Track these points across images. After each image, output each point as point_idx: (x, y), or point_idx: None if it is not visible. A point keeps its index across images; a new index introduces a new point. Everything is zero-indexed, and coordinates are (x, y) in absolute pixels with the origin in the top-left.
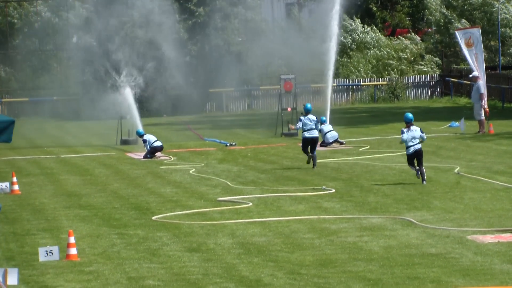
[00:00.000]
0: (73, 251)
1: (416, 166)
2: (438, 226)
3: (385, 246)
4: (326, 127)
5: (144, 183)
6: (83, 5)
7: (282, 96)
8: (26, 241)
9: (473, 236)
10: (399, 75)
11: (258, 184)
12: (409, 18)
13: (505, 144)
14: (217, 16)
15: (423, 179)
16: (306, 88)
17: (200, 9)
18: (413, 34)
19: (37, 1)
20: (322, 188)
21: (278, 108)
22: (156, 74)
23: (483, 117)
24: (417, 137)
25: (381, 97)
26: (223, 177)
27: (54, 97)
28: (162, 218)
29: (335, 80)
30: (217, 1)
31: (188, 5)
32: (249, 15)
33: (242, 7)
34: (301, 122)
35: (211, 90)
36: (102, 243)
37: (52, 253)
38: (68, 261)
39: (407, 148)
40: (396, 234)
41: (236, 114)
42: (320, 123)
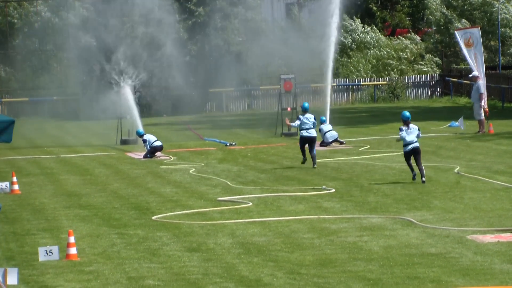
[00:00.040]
0: (73, 251)
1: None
2: (438, 226)
3: (385, 246)
4: (326, 127)
5: (144, 183)
6: (83, 4)
7: (282, 96)
8: (26, 241)
9: (473, 236)
10: (399, 75)
11: (258, 184)
12: (409, 18)
13: (505, 144)
14: (217, 16)
15: (422, 175)
16: (306, 88)
17: (200, 8)
18: (413, 34)
19: (37, 1)
20: (322, 188)
21: (278, 108)
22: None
23: (483, 117)
24: (415, 134)
25: (381, 97)
26: (223, 177)
27: (54, 97)
28: (162, 218)
29: (335, 80)
30: (217, 1)
31: (188, 5)
32: (249, 15)
33: (242, 7)
34: (299, 121)
35: (211, 90)
36: (102, 243)
37: (52, 253)
38: (68, 261)
39: (405, 145)
40: (396, 234)
41: (236, 114)
42: (320, 122)
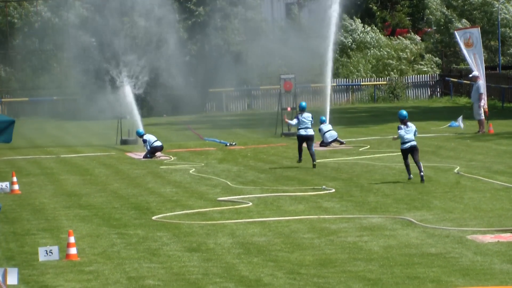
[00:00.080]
0: (73, 251)
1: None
2: (438, 226)
3: (385, 246)
4: (325, 127)
5: (144, 183)
6: (83, 4)
7: (282, 96)
8: (26, 241)
9: (473, 236)
10: (399, 75)
11: (258, 184)
12: (409, 18)
13: (505, 144)
14: (217, 16)
15: (420, 171)
16: (306, 88)
17: (200, 8)
18: (413, 34)
19: (37, 1)
20: (322, 188)
21: (278, 108)
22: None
23: (482, 117)
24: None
25: (381, 97)
26: (223, 177)
27: (54, 97)
28: (162, 218)
29: (335, 80)
30: (217, 1)
31: (188, 5)
32: (249, 15)
33: (242, 7)
34: (297, 120)
35: (211, 90)
36: (102, 243)
37: (52, 253)
38: (68, 261)
39: (402, 143)
40: (396, 234)
41: (236, 114)
42: (320, 122)
